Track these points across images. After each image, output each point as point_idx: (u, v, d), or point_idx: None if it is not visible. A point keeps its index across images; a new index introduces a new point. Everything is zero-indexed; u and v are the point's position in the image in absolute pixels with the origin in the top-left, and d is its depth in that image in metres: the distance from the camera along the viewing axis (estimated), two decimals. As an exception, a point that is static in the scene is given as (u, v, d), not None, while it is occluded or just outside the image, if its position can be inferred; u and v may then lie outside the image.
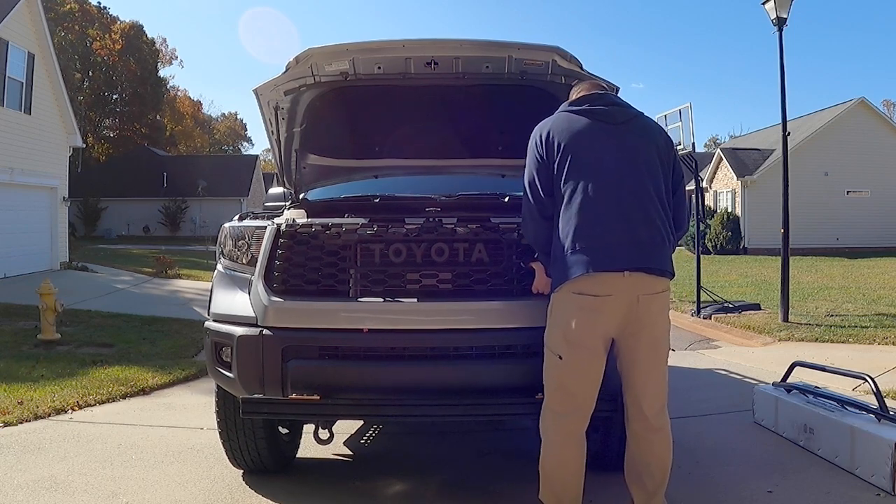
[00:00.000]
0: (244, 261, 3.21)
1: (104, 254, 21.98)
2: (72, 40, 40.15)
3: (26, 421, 4.71)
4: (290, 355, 2.93)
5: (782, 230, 9.61)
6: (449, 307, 2.96)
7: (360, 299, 2.99)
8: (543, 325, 2.87)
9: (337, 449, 4.07)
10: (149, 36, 47.32)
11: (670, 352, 2.85)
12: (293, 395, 2.90)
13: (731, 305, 10.52)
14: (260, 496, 3.39)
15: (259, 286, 3.03)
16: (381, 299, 2.96)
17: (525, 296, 2.93)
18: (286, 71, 3.45)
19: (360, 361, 2.98)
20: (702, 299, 10.67)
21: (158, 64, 49.44)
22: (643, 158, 2.70)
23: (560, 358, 2.63)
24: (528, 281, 2.94)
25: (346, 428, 4.37)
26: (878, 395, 3.71)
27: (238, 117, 70.93)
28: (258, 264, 3.08)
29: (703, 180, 24.67)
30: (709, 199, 28.83)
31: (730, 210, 26.77)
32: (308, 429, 3.64)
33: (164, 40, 62.15)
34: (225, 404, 3.36)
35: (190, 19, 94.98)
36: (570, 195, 2.63)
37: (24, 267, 14.25)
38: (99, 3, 44.44)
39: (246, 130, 71.18)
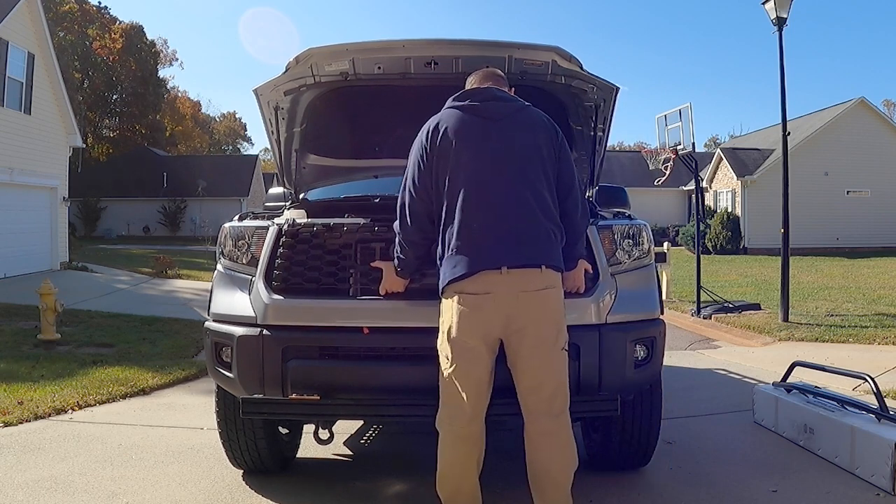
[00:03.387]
0: (244, 261, 3.20)
1: (104, 254, 21.98)
2: (72, 40, 40.07)
3: (26, 421, 4.71)
4: (290, 355, 2.93)
5: (782, 230, 9.62)
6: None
7: (360, 298, 2.99)
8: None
9: (337, 449, 4.07)
10: (149, 37, 47.30)
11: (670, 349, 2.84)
12: (293, 395, 2.90)
13: (731, 305, 10.52)
14: (260, 496, 3.39)
15: (260, 285, 3.03)
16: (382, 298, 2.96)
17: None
18: (286, 71, 3.44)
19: (360, 361, 2.98)
20: (702, 299, 10.67)
21: (158, 65, 49.42)
22: (522, 153, 2.65)
23: (447, 359, 2.59)
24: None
25: (346, 428, 4.37)
26: (878, 395, 3.71)
27: (238, 117, 70.96)
28: (259, 264, 3.09)
29: (703, 180, 24.69)
30: (709, 199, 28.85)
31: (730, 210, 26.78)
32: (308, 429, 3.64)
33: (165, 41, 62.30)
34: (225, 404, 3.36)
35: (190, 19, 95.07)
36: (450, 196, 2.61)
37: (24, 267, 14.26)
38: (99, 2, 44.45)
39: (246, 130, 71.21)
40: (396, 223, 2.79)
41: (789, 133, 10.07)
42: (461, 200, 2.59)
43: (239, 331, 3.00)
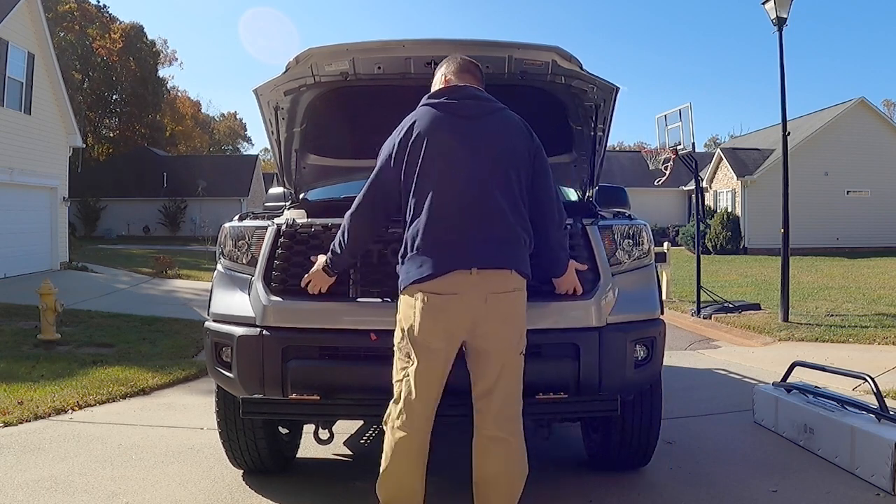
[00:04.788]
0: (244, 261, 3.20)
1: (104, 254, 21.99)
2: (71, 40, 40.08)
3: (26, 421, 4.70)
4: (290, 355, 2.93)
5: (782, 230, 9.62)
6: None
7: (359, 299, 2.99)
8: (544, 328, 2.87)
9: (337, 449, 4.06)
10: (149, 37, 47.32)
11: (668, 352, 2.82)
12: (293, 395, 2.90)
13: (731, 305, 10.52)
14: (260, 496, 3.39)
15: (259, 286, 3.03)
16: (380, 299, 2.96)
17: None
18: (286, 71, 3.44)
19: (360, 361, 2.98)
20: (702, 299, 10.67)
21: (158, 65, 49.42)
22: (495, 155, 2.58)
23: (407, 357, 2.55)
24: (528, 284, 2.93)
25: (346, 428, 4.37)
26: (878, 394, 3.71)
27: (238, 117, 70.94)
28: (258, 264, 3.09)
29: (703, 180, 24.69)
30: (709, 199, 28.86)
31: (730, 210, 26.79)
32: (308, 429, 3.64)
33: (165, 41, 62.35)
34: (225, 404, 3.36)
35: (190, 19, 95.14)
36: (419, 193, 2.55)
37: (24, 267, 14.25)
38: (99, 2, 44.43)
39: (246, 130, 71.19)
40: (347, 214, 2.73)
41: (789, 133, 10.07)
42: (430, 199, 2.52)
43: (239, 331, 3.00)
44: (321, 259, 2.85)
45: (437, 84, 2.78)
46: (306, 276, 2.88)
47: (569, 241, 2.99)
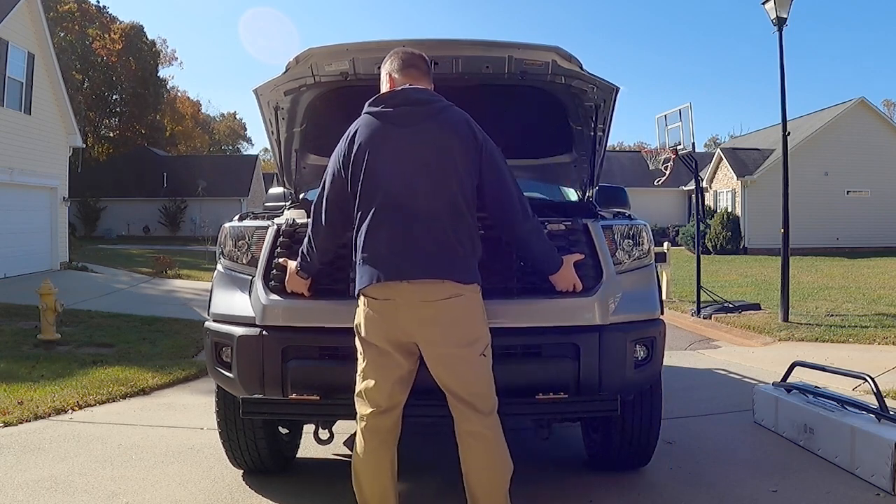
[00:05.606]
0: (244, 261, 3.20)
1: (104, 254, 21.99)
2: (71, 40, 40.08)
3: (26, 421, 4.71)
4: (290, 355, 2.93)
5: (782, 230, 9.62)
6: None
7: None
8: (543, 326, 2.87)
9: (337, 449, 4.06)
10: (149, 37, 47.31)
11: (669, 353, 2.80)
12: (293, 395, 2.90)
13: (731, 305, 10.52)
14: (260, 496, 3.39)
15: (259, 286, 3.03)
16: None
17: (523, 296, 2.92)
18: (286, 71, 3.44)
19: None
20: (702, 299, 10.68)
21: (158, 65, 49.40)
22: (430, 163, 2.56)
23: (360, 354, 2.63)
24: (527, 281, 2.94)
25: (346, 428, 4.36)
26: (878, 395, 3.71)
27: (238, 117, 70.95)
28: (259, 264, 3.09)
29: (703, 180, 24.69)
30: (709, 199, 28.87)
31: (730, 210, 26.79)
32: (308, 429, 3.64)
33: (165, 41, 62.45)
34: (225, 404, 3.36)
35: (190, 19, 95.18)
36: (361, 205, 2.59)
37: (24, 267, 14.26)
38: (99, 2, 44.42)
39: (246, 130, 71.20)
40: (309, 229, 2.80)
41: (789, 133, 10.07)
42: (371, 212, 2.56)
43: (239, 331, 3.00)
44: (292, 264, 2.91)
45: (383, 83, 2.79)
46: (286, 284, 2.94)
47: (570, 239, 3.00)
